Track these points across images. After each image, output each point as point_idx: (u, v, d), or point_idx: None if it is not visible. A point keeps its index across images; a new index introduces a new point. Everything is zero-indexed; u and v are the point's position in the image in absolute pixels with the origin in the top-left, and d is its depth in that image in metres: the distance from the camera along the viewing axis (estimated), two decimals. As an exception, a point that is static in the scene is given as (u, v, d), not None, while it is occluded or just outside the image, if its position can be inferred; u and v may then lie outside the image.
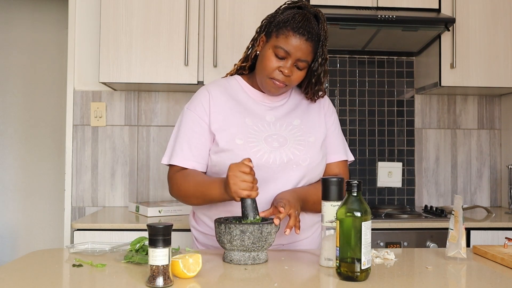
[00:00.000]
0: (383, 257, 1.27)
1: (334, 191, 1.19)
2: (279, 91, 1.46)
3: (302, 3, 1.46)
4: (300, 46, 1.38)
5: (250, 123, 1.45)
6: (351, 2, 2.40)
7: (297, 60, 1.40)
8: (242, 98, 1.51)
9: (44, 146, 3.82)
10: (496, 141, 2.82)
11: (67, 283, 1.09)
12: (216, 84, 1.53)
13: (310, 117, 1.53)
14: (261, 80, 1.46)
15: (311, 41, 1.39)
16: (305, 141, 1.47)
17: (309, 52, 1.41)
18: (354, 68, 2.77)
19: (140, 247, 1.23)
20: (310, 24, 1.40)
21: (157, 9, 2.35)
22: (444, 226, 2.13)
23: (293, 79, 1.43)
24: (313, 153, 1.46)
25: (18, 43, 3.83)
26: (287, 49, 1.38)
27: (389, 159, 2.74)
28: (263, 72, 1.43)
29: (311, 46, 1.40)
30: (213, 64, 2.35)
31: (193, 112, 1.47)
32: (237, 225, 1.19)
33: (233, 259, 1.21)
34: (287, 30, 1.39)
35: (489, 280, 1.12)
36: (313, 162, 1.46)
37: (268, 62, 1.41)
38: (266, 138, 1.43)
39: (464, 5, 2.44)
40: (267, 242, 1.21)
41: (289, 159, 1.42)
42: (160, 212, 2.25)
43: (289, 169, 1.42)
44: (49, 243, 3.70)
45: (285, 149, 1.43)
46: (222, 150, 1.41)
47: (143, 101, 2.66)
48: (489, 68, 2.45)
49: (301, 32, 1.38)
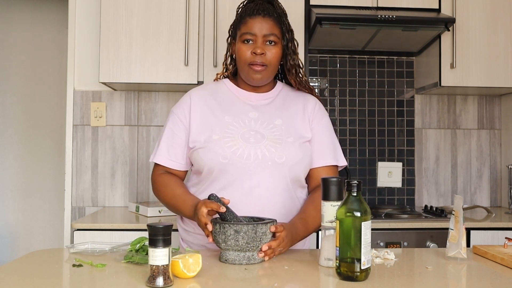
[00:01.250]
0: (383, 257, 1.27)
1: (334, 191, 1.19)
2: (261, 74, 1.49)
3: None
4: (260, 24, 1.48)
5: (230, 120, 1.49)
6: (351, 2, 2.40)
7: (264, 36, 1.48)
8: (227, 99, 1.56)
9: (44, 146, 3.82)
10: (496, 141, 2.82)
11: (67, 283, 1.09)
12: (201, 88, 1.62)
13: (293, 120, 1.54)
14: (243, 72, 1.52)
15: (269, 16, 1.49)
16: (282, 140, 1.47)
17: (272, 25, 1.49)
18: (354, 68, 2.77)
19: (140, 247, 1.24)
20: (263, 6, 1.51)
21: (157, 9, 2.35)
22: (444, 226, 2.13)
23: (269, 57, 1.49)
24: (289, 151, 1.45)
25: (18, 43, 3.83)
26: (251, 31, 1.48)
27: (389, 159, 2.74)
28: (241, 62, 1.50)
29: (271, 20, 1.49)
30: (213, 64, 2.35)
31: (174, 114, 1.56)
32: (231, 224, 1.19)
33: (228, 259, 1.21)
34: (244, 18, 1.50)
35: (489, 280, 1.12)
36: (290, 160, 1.45)
37: (241, 51, 1.49)
38: (243, 134, 1.46)
39: (464, 5, 2.44)
40: (261, 242, 1.21)
41: (263, 155, 1.43)
42: (160, 212, 2.25)
43: (264, 166, 1.42)
44: (49, 243, 3.70)
45: (261, 145, 1.44)
46: (200, 147, 1.46)
47: (143, 101, 2.66)
48: (489, 68, 2.45)
49: (255, 12, 1.49)
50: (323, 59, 2.75)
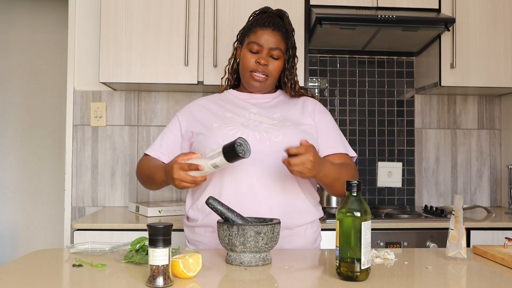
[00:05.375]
0: (383, 257, 1.27)
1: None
2: (261, 80, 1.58)
3: (265, 8, 1.66)
4: (269, 37, 1.56)
5: (230, 116, 1.56)
6: (351, 2, 2.40)
7: (270, 49, 1.56)
8: (230, 101, 1.65)
9: (44, 146, 3.82)
10: (496, 141, 2.82)
11: (67, 283, 1.09)
12: (207, 96, 1.72)
13: (291, 113, 1.59)
14: (244, 78, 1.61)
15: (278, 31, 1.57)
16: (280, 124, 1.52)
17: (279, 40, 1.57)
18: (354, 68, 2.77)
19: (140, 247, 1.23)
20: (274, 20, 1.59)
21: (157, 9, 2.35)
22: (444, 226, 2.13)
23: (271, 69, 1.58)
24: (286, 131, 1.49)
25: (18, 43, 3.83)
26: (259, 42, 1.56)
27: (389, 159, 2.74)
28: (244, 69, 1.59)
29: (279, 35, 1.57)
30: (213, 64, 2.35)
31: (176, 117, 1.66)
32: (251, 226, 1.17)
33: (243, 261, 1.18)
34: (255, 28, 1.58)
35: (489, 280, 1.12)
36: (287, 139, 1.47)
37: (245, 59, 1.58)
38: (243, 122, 1.53)
39: (464, 5, 2.44)
40: (276, 241, 1.21)
41: (261, 136, 1.48)
42: (160, 212, 2.25)
43: (262, 145, 1.46)
44: (49, 243, 3.71)
45: (259, 129, 1.50)
46: (201, 132, 1.54)
47: (143, 101, 2.66)
48: (489, 68, 2.45)
49: (266, 25, 1.57)
50: (323, 59, 2.75)
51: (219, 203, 1.24)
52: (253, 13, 1.67)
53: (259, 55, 1.56)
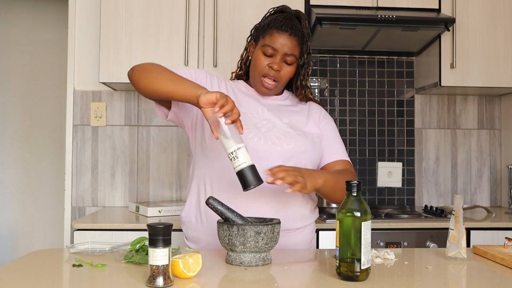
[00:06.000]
0: (383, 257, 1.27)
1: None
2: (271, 88, 1.54)
3: (283, 7, 1.59)
4: (285, 41, 1.50)
5: (244, 111, 1.51)
6: (351, 2, 2.40)
7: (285, 54, 1.50)
8: (242, 93, 1.59)
9: (44, 146, 3.82)
10: (496, 141, 2.82)
11: (67, 283, 1.09)
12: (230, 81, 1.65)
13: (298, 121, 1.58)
14: (254, 80, 1.56)
15: (294, 35, 1.51)
16: (292, 131, 1.51)
17: (295, 46, 1.51)
18: (354, 68, 2.77)
19: (140, 247, 1.23)
20: (292, 22, 1.52)
21: (157, 9, 2.35)
22: (444, 226, 2.13)
23: (282, 74, 1.53)
24: (297, 140, 1.49)
25: (18, 43, 3.83)
26: (274, 46, 1.50)
27: (389, 159, 2.74)
28: (255, 71, 1.54)
29: (295, 40, 1.51)
30: (213, 64, 2.35)
31: (208, 76, 1.55)
32: (251, 226, 1.17)
33: (243, 261, 1.18)
34: (271, 30, 1.51)
35: (489, 280, 1.12)
36: (298, 147, 1.48)
37: (258, 61, 1.52)
38: (256, 123, 1.50)
39: (464, 5, 2.44)
40: (276, 241, 1.21)
41: (273, 142, 1.46)
42: (160, 212, 2.25)
43: (272, 151, 1.45)
44: (49, 243, 3.70)
45: (271, 134, 1.48)
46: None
47: (143, 101, 2.66)
48: (489, 68, 2.45)
49: (284, 28, 1.50)
50: (323, 59, 2.75)
51: (219, 203, 1.23)
52: (270, 10, 1.60)
53: (272, 59, 1.51)
